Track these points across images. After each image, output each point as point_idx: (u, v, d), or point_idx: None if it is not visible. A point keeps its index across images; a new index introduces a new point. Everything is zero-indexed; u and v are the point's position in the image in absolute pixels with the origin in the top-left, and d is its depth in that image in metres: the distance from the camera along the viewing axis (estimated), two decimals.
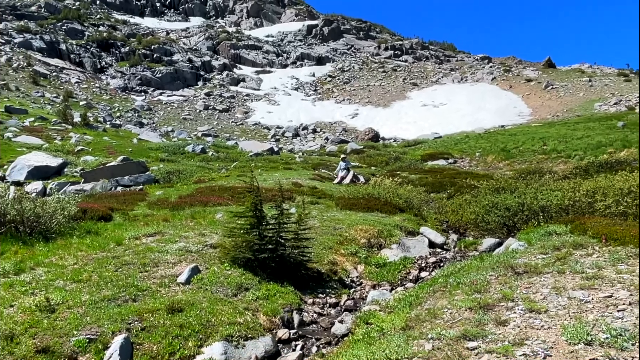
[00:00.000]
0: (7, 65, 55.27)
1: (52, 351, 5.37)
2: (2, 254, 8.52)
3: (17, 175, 19.89)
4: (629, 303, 5.25)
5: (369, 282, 8.99)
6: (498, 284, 6.37)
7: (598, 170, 17.34)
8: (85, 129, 34.14)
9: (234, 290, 7.37)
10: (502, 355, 4.37)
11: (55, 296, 6.59)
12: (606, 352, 4.23)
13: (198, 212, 12.57)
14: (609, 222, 8.84)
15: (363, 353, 4.84)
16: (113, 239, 9.55)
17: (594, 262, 6.76)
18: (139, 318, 6.19)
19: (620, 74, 62.22)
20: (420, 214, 14.55)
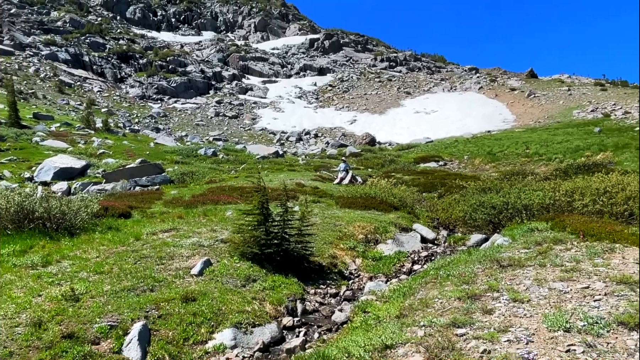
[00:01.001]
0: (35, 76, 55.38)
1: (76, 337, 5.39)
2: (31, 247, 8.55)
3: (44, 176, 19.93)
4: (605, 293, 5.25)
5: (366, 274, 9.00)
6: (484, 276, 6.38)
7: (576, 172, 17.32)
8: (106, 134, 34.20)
9: (242, 281, 7.39)
10: (488, 341, 4.37)
11: (80, 286, 6.61)
12: (583, 338, 4.24)
13: (210, 210, 12.58)
14: (586, 219, 8.85)
15: (361, 339, 4.84)
16: (132, 234, 9.57)
17: (573, 256, 6.77)
18: (156, 307, 6.20)
19: (596, 84, 62.08)
20: (413, 212, 14.55)
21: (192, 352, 5.52)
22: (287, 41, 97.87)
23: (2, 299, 6.21)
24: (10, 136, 27.04)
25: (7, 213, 9.39)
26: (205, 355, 5.50)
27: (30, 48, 62.94)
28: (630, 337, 4.22)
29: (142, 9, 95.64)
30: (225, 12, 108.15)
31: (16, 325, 5.51)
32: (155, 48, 77.69)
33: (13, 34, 63.98)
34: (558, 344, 4.19)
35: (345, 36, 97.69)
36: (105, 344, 5.40)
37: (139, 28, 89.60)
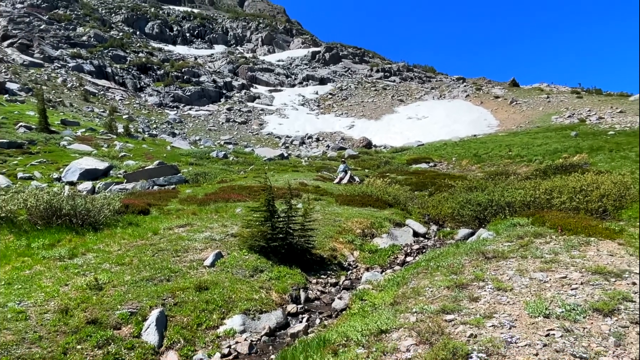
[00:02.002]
0: (62, 85, 55.46)
1: (100, 322, 5.39)
2: (58, 241, 8.57)
3: (71, 177, 19.97)
4: (581, 283, 5.24)
5: (363, 265, 9.00)
6: (471, 267, 6.37)
7: (555, 172, 17.29)
8: (127, 138, 34.23)
9: (250, 272, 7.40)
10: (474, 326, 4.36)
11: (103, 277, 6.62)
12: (562, 323, 4.23)
13: (221, 207, 12.59)
14: (564, 215, 8.83)
15: (358, 324, 4.84)
16: (150, 229, 9.58)
17: (552, 248, 6.75)
18: (172, 295, 6.21)
19: (573, 92, 61.89)
20: (406, 208, 14.53)
21: (205, 337, 5.52)
22: (291, 54, 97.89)
23: (33, 288, 6.23)
24: (40, 140, 27.09)
25: (37, 210, 9.42)
26: (216, 339, 5.50)
27: (58, 60, 63.02)
28: (604, 322, 4.21)
29: (159, 24, 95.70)
30: (235, 28, 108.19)
31: (45, 312, 5.52)
32: (172, 60, 77.78)
33: (43, 47, 64.07)
34: (538, 329, 4.18)
35: (344, 49, 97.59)
36: (126, 329, 5.41)
37: (156, 42, 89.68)
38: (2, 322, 5.20)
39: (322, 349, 4.43)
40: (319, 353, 4.33)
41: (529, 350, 3.82)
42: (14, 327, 5.13)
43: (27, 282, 6.46)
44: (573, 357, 3.66)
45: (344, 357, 4.04)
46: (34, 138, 27.23)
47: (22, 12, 72.32)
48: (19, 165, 21.52)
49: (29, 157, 23.34)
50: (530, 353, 3.77)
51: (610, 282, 5.15)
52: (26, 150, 24.67)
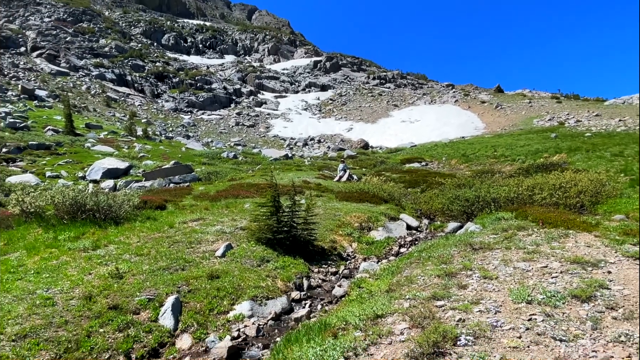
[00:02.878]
0: (86, 92, 55.51)
1: (120, 308, 5.40)
2: (83, 234, 8.58)
3: (94, 175, 20.00)
4: (560, 272, 5.22)
5: (361, 256, 8.99)
6: (460, 257, 6.35)
7: (536, 170, 17.24)
8: (145, 140, 34.26)
9: (258, 262, 7.39)
10: (462, 312, 4.34)
11: (123, 266, 6.62)
12: (543, 309, 4.21)
13: (231, 202, 12.59)
14: (545, 210, 8.80)
15: (356, 310, 4.83)
16: (167, 223, 9.59)
17: (533, 240, 6.73)
18: (186, 283, 6.21)
19: (553, 97, 61.65)
20: (400, 204, 14.51)
21: (216, 321, 5.52)
22: (295, 63, 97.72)
23: (59, 277, 6.24)
24: (66, 142, 27.14)
25: (63, 206, 9.43)
26: (227, 323, 5.50)
27: (83, 69, 63.04)
28: (582, 307, 4.19)
29: (174, 36, 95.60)
30: (243, 39, 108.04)
31: (70, 299, 5.53)
32: (186, 69, 77.74)
33: (68, 58, 64.11)
34: (521, 313, 4.16)
35: (343, 58, 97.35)
36: (144, 314, 5.41)
37: (172, 52, 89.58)
38: (31, 307, 5.21)
39: (323, 332, 4.42)
40: (320, 336, 4.32)
41: (513, 333, 3.81)
42: (42, 312, 5.14)
43: (54, 271, 6.47)
44: (553, 339, 3.65)
45: (343, 340, 4.04)
46: (60, 140, 27.28)
47: (49, 25, 72.33)
48: (47, 165, 21.57)
49: (56, 157, 23.38)
50: (514, 336, 3.76)
51: (587, 271, 5.12)
52: (54, 151, 24.72)
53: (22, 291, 5.65)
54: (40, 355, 4.44)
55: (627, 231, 6.71)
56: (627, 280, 4.73)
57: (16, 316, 4.99)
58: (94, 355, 4.61)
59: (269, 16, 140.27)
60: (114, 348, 4.75)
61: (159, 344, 5.00)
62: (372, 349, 3.82)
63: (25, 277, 6.22)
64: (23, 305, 5.26)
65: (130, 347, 4.81)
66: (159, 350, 4.95)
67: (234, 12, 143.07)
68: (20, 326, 4.81)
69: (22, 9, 76.67)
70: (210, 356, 4.81)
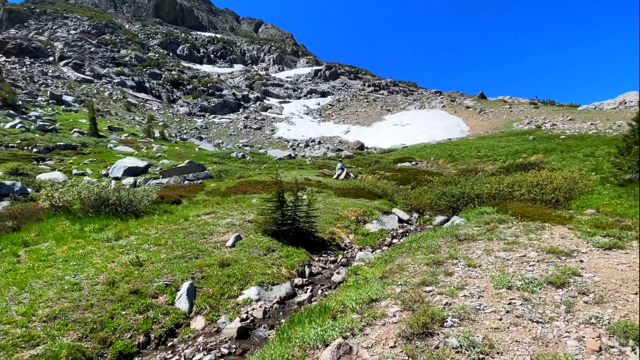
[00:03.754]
0: (109, 98, 55.39)
1: (140, 292, 5.41)
2: (106, 226, 8.59)
3: (116, 173, 19.98)
4: (537, 260, 5.23)
5: (357, 246, 8.99)
6: (446, 247, 6.36)
7: (516, 169, 17.23)
8: (162, 142, 34.21)
9: (264, 251, 7.40)
10: (449, 296, 4.35)
11: (143, 255, 6.64)
12: (521, 294, 4.22)
13: (240, 198, 12.59)
14: (523, 205, 8.81)
15: (353, 294, 4.84)
16: (182, 216, 9.60)
17: (513, 232, 6.74)
18: (199, 270, 6.22)
19: (531, 103, 61.47)
20: (392, 199, 14.50)
21: (227, 304, 5.53)
22: (297, 71, 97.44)
23: (85, 264, 6.25)
24: (91, 143, 27.10)
25: (88, 200, 9.44)
26: (236, 306, 5.52)
27: (105, 77, 62.89)
28: (556, 293, 4.20)
29: (188, 47, 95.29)
30: (251, 50, 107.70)
31: (95, 284, 5.55)
32: (199, 77, 77.53)
33: (92, 66, 63.95)
34: (502, 298, 4.17)
35: (341, 67, 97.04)
36: (162, 298, 5.43)
37: (186, 62, 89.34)
38: (60, 292, 5.23)
39: (323, 314, 4.43)
40: (321, 318, 4.33)
41: (494, 315, 3.82)
42: (70, 296, 5.15)
43: (81, 259, 6.48)
44: (531, 321, 3.66)
45: (342, 321, 4.05)
46: (85, 141, 27.24)
47: (75, 37, 72.13)
48: (74, 164, 21.55)
49: (81, 157, 23.36)
50: (495, 318, 3.77)
51: (561, 260, 5.13)
52: (79, 151, 24.68)
53: (51, 277, 5.67)
54: (69, 334, 4.45)
55: (597, 224, 6.71)
56: (598, 269, 4.74)
57: (47, 300, 5.01)
58: (117, 334, 4.63)
59: (274, 29, 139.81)
60: (135, 328, 4.77)
61: (175, 324, 5.02)
62: (367, 330, 3.83)
63: (54, 264, 6.24)
64: (53, 290, 5.28)
65: (150, 328, 4.83)
66: (175, 330, 4.97)
67: (242, 25, 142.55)
68: (51, 309, 4.82)
69: (50, 22, 76.47)
70: (222, 336, 4.83)
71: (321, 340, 3.72)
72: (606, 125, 33.09)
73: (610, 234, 6.04)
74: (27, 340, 4.23)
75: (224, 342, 4.69)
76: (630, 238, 5.82)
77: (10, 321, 4.51)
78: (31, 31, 71.32)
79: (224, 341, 4.71)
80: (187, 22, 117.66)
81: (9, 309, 4.76)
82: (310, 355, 3.57)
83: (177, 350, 4.59)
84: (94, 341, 4.45)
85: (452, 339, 3.42)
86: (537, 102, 62.83)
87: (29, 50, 61.67)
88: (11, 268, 6.08)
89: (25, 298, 5.04)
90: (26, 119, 31.40)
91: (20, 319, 4.56)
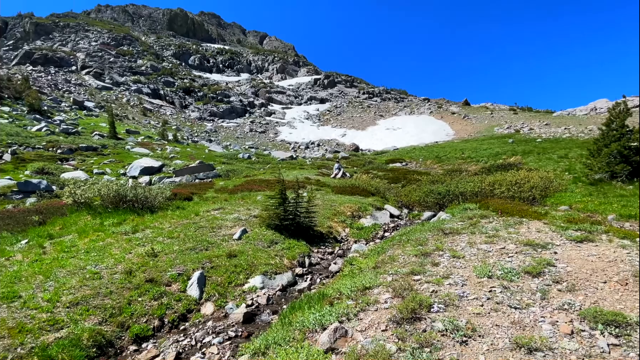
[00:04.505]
0: (127, 104, 55.20)
1: (155, 281, 5.40)
2: (124, 220, 8.57)
3: (133, 172, 19.94)
4: (515, 252, 5.24)
5: (352, 239, 9.00)
6: (433, 240, 6.37)
7: (496, 169, 17.24)
8: (175, 144, 34.13)
9: (268, 243, 7.40)
10: (435, 284, 4.36)
11: (157, 247, 6.62)
12: (501, 282, 4.23)
13: (246, 195, 12.58)
14: (503, 201, 8.82)
15: (348, 283, 4.84)
16: (193, 211, 9.58)
17: (494, 226, 6.75)
18: (209, 260, 6.21)
19: (510, 109, 61.51)
20: (384, 196, 14.50)
21: (234, 291, 5.53)
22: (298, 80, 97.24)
23: (105, 255, 6.24)
24: (110, 145, 27.02)
25: (108, 197, 9.42)
26: (242, 293, 5.52)
27: (123, 85, 62.65)
28: (533, 281, 4.21)
29: (199, 58, 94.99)
30: (256, 60, 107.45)
31: (114, 273, 5.54)
32: (209, 85, 77.32)
33: (112, 75, 63.70)
34: (483, 286, 4.18)
35: (338, 77, 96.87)
36: (175, 286, 5.42)
37: (197, 71, 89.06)
38: (82, 280, 5.22)
39: (322, 301, 4.44)
40: (319, 304, 4.34)
41: (476, 302, 3.83)
42: (91, 284, 5.14)
43: (101, 250, 6.47)
44: (509, 307, 3.67)
45: (338, 307, 4.05)
46: (105, 143, 27.16)
47: (96, 48, 71.88)
48: (95, 164, 21.49)
49: (102, 157, 23.29)
50: (477, 304, 3.78)
51: (537, 252, 5.15)
52: (100, 152, 24.62)
53: (74, 267, 5.66)
54: (90, 319, 4.45)
55: (570, 219, 6.73)
56: (570, 260, 4.75)
57: (70, 287, 5.00)
58: (134, 319, 4.62)
59: (277, 41, 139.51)
60: (150, 313, 4.76)
61: (187, 310, 5.01)
62: (361, 315, 3.84)
63: (77, 255, 6.22)
64: (75, 278, 5.27)
65: (164, 313, 4.83)
66: (187, 315, 4.96)
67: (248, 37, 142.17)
68: (73, 295, 4.82)
69: (73, 34, 76.18)
70: (229, 320, 4.83)
71: (319, 324, 3.73)
72: (578, 129, 33.15)
73: (581, 228, 6.06)
74: (52, 324, 4.22)
75: (231, 325, 4.70)
76: (600, 232, 5.84)
77: (36, 307, 4.50)
78: (56, 43, 71.00)
79: (231, 325, 4.71)
80: (198, 34, 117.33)
81: (35, 295, 4.75)
82: (310, 338, 3.58)
83: (189, 333, 4.59)
84: (112, 325, 4.44)
85: (438, 323, 3.43)
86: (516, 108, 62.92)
87: (54, 60, 61.43)
88: (37, 258, 6.07)
89: (50, 286, 5.03)
90: (51, 122, 31.29)
91: (45, 305, 4.55)
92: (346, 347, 3.29)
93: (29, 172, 17.17)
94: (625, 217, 7.41)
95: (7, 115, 30.33)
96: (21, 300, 4.61)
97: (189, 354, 4.15)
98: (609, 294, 3.76)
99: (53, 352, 3.80)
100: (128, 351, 4.23)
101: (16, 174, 16.66)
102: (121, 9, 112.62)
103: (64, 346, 3.90)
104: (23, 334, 3.98)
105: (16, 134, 24.54)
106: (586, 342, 3.06)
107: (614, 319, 3.24)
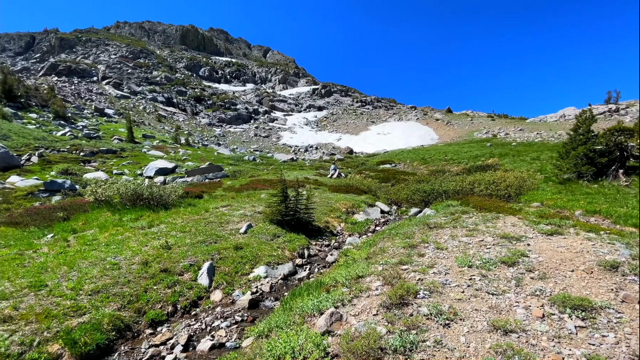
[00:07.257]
0: (143, 111, 54.94)
1: (169, 271, 5.38)
2: (140, 216, 8.53)
3: (149, 173, 19.84)
4: (493, 244, 5.26)
5: (347, 232, 9.00)
6: (419, 234, 6.38)
7: (476, 170, 17.29)
8: (187, 147, 33.97)
9: (271, 237, 7.38)
10: (421, 273, 4.37)
11: (171, 240, 6.60)
12: (480, 271, 4.24)
13: (251, 193, 12.54)
14: (482, 199, 8.85)
15: (344, 271, 4.84)
16: (203, 208, 9.55)
17: (473, 221, 6.77)
18: (218, 252, 6.20)
19: (489, 116, 61.77)
20: (376, 194, 14.51)
21: (240, 280, 5.52)
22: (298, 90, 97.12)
23: (123, 248, 6.21)
24: (128, 148, 26.88)
25: (126, 195, 9.37)
26: (248, 282, 5.51)
27: (140, 94, 62.34)
28: (508, 270, 4.22)
29: (209, 69, 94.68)
30: (260, 72, 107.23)
31: (132, 264, 5.51)
32: (217, 94, 77.06)
33: (129, 85, 63.37)
34: (464, 275, 4.19)
35: (334, 87, 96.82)
36: (187, 275, 5.40)
37: (207, 81, 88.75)
38: (103, 270, 5.19)
39: (319, 288, 4.44)
40: (317, 291, 4.33)
41: (458, 289, 3.84)
42: (111, 274, 5.12)
43: (120, 243, 6.44)
44: (487, 293, 3.68)
45: (334, 294, 4.05)
46: (124, 147, 27.02)
47: (115, 61, 71.49)
48: (114, 165, 21.37)
49: (120, 159, 23.16)
50: (459, 291, 3.79)
51: (512, 244, 5.17)
52: (119, 154, 24.47)
53: (95, 258, 5.62)
54: (110, 305, 4.43)
55: (542, 214, 6.76)
56: (542, 251, 4.78)
57: (91, 277, 4.97)
58: (150, 305, 4.60)
59: (279, 55, 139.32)
60: (164, 300, 4.74)
61: (197, 297, 5.00)
62: (355, 301, 3.84)
63: (98, 248, 6.19)
64: (96, 269, 5.24)
65: (177, 300, 4.81)
66: (197, 302, 4.95)
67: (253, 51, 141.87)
68: (95, 284, 4.79)
69: (94, 48, 75.76)
70: (236, 306, 4.82)
71: (317, 310, 3.73)
72: (549, 134, 33.33)
73: (552, 222, 6.09)
74: (75, 310, 4.20)
75: (237, 311, 4.69)
76: (568, 226, 5.87)
77: (61, 294, 4.47)
78: (79, 55, 70.58)
79: (237, 310, 4.70)
80: (208, 48, 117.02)
81: (60, 284, 4.72)
82: (308, 322, 3.58)
83: (199, 318, 4.57)
84: (130, 311, 4.42)
85: (424, 308, 3.43)
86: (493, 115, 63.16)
87: (77, 72, 61.05)
88: (62, 251, 6.03)
89: (73, 276, 4.99)
90: (74, 128, 31.09)
91: (69, 293, 4.52)
92: (341, 329, 3.29)
93: (55, 172, 17.06)
94: (591, 212, 7.46)
95: (35, 121, 30.14)
96: (47, 288, 4.58)
97: (200, 337, 4.14)
98: (576, 282, 3.78)
99: (76, 335, 3.78)
100: (144, 334, 4.21)
101: (43, 174, 16.55)
102: (138, 25, 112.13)
103: (86, 330, 3.88)
104: (49, 319, 3.96)
105: (43, 138, 24.39)
106: (556, 324, 3.08)
107: (581, 303, 3.26)
